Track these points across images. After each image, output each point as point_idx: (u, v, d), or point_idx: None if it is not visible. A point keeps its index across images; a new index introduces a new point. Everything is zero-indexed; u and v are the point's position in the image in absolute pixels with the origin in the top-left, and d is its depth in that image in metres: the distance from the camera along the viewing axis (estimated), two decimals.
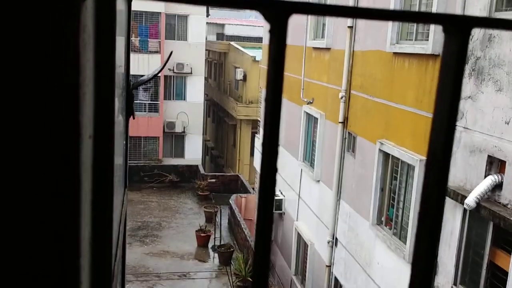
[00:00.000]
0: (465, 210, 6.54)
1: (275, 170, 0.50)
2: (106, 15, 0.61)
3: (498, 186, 6.08)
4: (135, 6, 26.54)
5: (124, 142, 1.56)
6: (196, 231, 17.98)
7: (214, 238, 17.67)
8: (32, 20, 0.44)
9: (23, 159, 0.45)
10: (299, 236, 13.39)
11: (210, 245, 17.80)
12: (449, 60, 0.51)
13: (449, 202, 6.97)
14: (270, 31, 0.48)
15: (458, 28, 0.49)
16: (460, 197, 6.51)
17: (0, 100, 0.44)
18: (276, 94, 0.50)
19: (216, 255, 16.94)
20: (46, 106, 0.44)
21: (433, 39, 7.40)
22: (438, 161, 0.50)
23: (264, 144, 0.51)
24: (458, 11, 6.85)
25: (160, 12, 25.37)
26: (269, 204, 0.49)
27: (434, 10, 7.40)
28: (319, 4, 0.48)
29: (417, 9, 8.16)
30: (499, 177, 6.07)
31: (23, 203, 0.46)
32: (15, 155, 0.46)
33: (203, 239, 17.76)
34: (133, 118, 1.57)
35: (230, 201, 19.46)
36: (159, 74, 25.37)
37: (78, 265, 0.51)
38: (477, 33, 6.46)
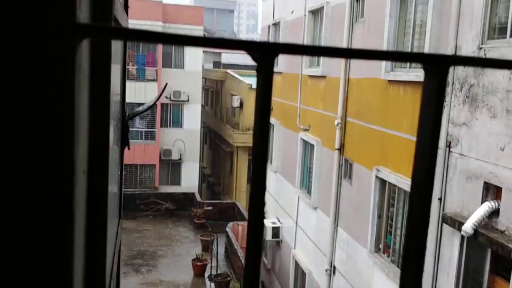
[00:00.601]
0: (462, 237, 6.51)
1: (263, 204, 0.51)
2: (101, 55, 0.63)
3: (495, 213, 6.08)
4: None
5: (119, 172, 1.58)
6: (192, 260, 17.77)
7: (211, 267, 17.45)
8: (27, 61, 0.46)
9: (16, 195, 0.47)
10: (296, 264, 13.25)
11: (206, 274, 17.56)
12: (429, 97, 0.53)
13: (446, 229, 6.94)
14: (257, 70, 0.50)
15: (436, 67, 0.51)
16: (457, 224, 6.49)
17: None
18: (263, 129, 0.52)
19: (213, 284, 16.69)
20: (40, 144, 0.46)
21: None
22: (419, 208, 0.52)
23: (252, 185, 0.53)
24: (451, 40, 6.97)
25: None
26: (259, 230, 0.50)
27: (427, 38, 7.53)
28: (302, 45, 0.50)
29: (410, 39, 8.30)
30: (496, 203, 6.07)
31: (16, 239, 0.47)
32: (8, 191, 0.47)
33: (199, 268, 17.54)
34: (128, 148, 1.59)
35: (227, 229, 19.30)
36: (156, 102, 25.50)
37: None
38: None
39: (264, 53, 0.48)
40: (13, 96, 0.45)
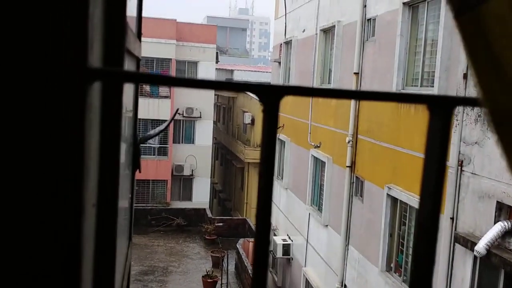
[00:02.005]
0: (475, 257, 6.41)
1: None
2: (113, 95, 0.65)
3: (508, 233, 5.99)
4: (146, 53, 27.09)
5: (130, 195, 1.60)
6: (202, 276, 17.69)
7: (221, 284, 17.34)
8: (39, 104, 0.47)
9: (25, 234, 0.48)
10: (307, 283, 13.12)
11: None
12: (433, 137, 0.53)
13: (459, 249, 6.85)
14: (263, 111, 0.52)
15: (441, 107, 0.52)
16: (470, 244, 6.40)
17: (2, 173, 0.47)
18: (269, 167, 0.53)
19: None
20: (50, 180, 0.47)
21: (439, 85, 7.49)
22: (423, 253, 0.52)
23: (258, 220, 0.54)
24: (462, 58, 6.96)
25: (171, 59, 25.97)
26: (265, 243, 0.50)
27: (438, 57, 7.52)
28: (307, 87, 0.52)
29: (421, 57, 8.30)
30: (509, 223, 5.98)
31: (23, 276, 0.48)
32: (16, 227, 0.48)
33: (209, 285, 17.43)
34: (140, 171, 1.61)
35: (237, 246, 19.20)
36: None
37: None
38: None
39: (270, 95, 0.50)
40: (24, 136, 0.47)
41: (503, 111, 0.45)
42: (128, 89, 1.36)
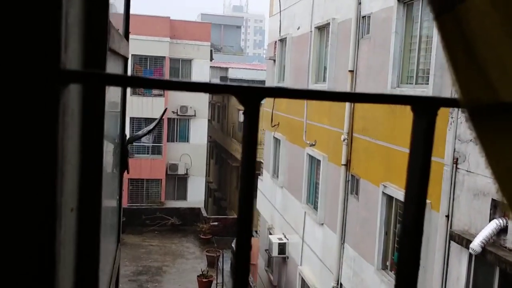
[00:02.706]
0: (470, 255, 6.43)
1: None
2: (93, 97, 0.63)
3: (503, 230, 6.01)
4: (139, 51, 26.95)
5: (118, 197, 1.58)
6: (197, 276, 17.67)
7: (216, 283, 17.34)
8: (11, 105, 0.46)
9: None
10: (303, 281, 13.13)
11: None
12: (418, 137, 0.52)
13: (454, 247, 6.87)
14: (244, 113, 0.51)
15: (425, 109, 0.51)
16: (465, 242, 6.42)
17: None
18: (249, 169, 0.52)
19: None
20: (21, 185, 0.46)
21: (433, 83, 7.49)
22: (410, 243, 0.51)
23: (239, 219, 0.53)
24: None
25: (165, 57, 25.90)
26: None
27: (433, 54, 7.53)
28: (287, 88, 0.50)
29: (416, 55, 8.31)
30: (504, 221, 6.00)
31: None
32: None
33: (205, 285, 17.42)
34: (128, 173, 1.59)
35: (233, 245, 19.19)
36: (162, 118, 25.63)
37: None
38: None
39: (250, 97, 0.49)
40: None
41: (482, 108, 0.44)
42: (115, 89, 1.34)
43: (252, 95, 0.48)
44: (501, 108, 0.46)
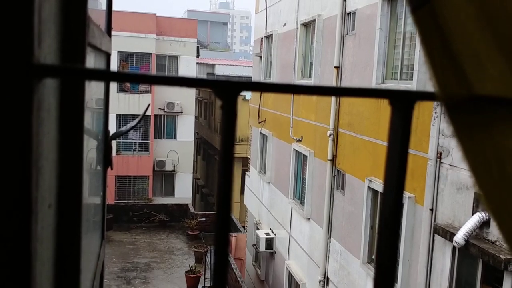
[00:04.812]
0: (454, 247, 6.52)
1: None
2: (70, 92, 0.63)
3: (486, 223, 6.09)
4: (125, 47, 26.75)
5: (102, 193, 1.57)
6: (185, 272, 17.65)
7: (204, 279, 17.34)
8: None
9: None
10: (290, 276, 13.19)
11: (200, 286, 17.44)
12: (395, 131, 0.53)
13: (438, 240, 6.95)
14: (221, 107, 0.51)
15: (402, 102, 0.52)
16: (449, 235, 6.50)
17: None
18: (227, 163, 0.52)
19: None
20: None
21: (417, 79, 7.56)
22: (388, 235, 0.51)
23: (217, 213, 0.53)
24: None
25: (151, 53, 25.74)
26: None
27: (417, 50, 7.59)
28: (263, 83, 0.51)
29: (400, 51, 8.36)
30: (487, 214, 6.08)
31: None
32: None
33: (192, 280, 17.41)
34: (111, 169, 1.58)
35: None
36: (150, 114, 25.49)
37: None
38: None
39: (227, 91, 0.48)
40: None
41: (458, 102, 0.45)
42: (98, 85, 1.33)
43: (228, 89, 0.48)
44: (476, 102, 0.46)
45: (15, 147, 0.44)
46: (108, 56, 1.48)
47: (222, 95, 0.48)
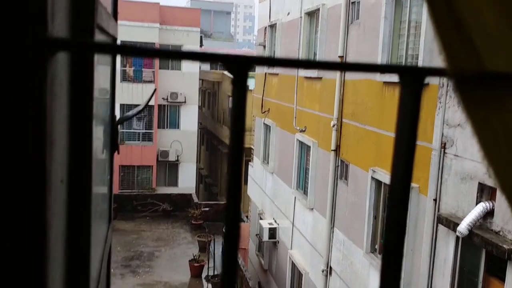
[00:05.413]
0: (457, 237, 6.53)
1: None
2: (81, 67, 0.63)
3: (489, 213, 6.10)
4: (129, 37, 26.67)
5: (109, 176, 1.58)
6: (189, 261, 17.77)
7: (208, 268, 17.45)
8: None
9: None
10: (293, 265, 13.26)
11: (203, 275, 17.56)
12: (405, 108, 0.53)
13: (441, 230, 6.96)
14: (232, 82, 0.51)
15: (412, 79, 0.52)
16: (452, 225, 6.51)
17: None
18: (237, 139, 0.52)
19: (210, 285, 16.69)
20: (9, 155, 0.46)
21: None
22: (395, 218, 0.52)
23: (228, 189, 0.53)
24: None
25: (154, 43, 25.67)
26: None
27: (422, 39, 7.55)
28: (274, 58, 0.51)
29: (405, 40, 8.32)
30: (490, 204, 6.09)
31: None
32: None
33: (196, 269, 17.53)
34: (118, 153, 1.59)
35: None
36: (153, 104, 25.50)
37: None
38: None
39: (239, 66, 0.49)
40: None
41: (467, 77, 0.45)
42: (104, 69, 1.33)
43: (240, 64, 0.48)
44: (485, 76, 0.47)
45: (31, 118, 0.45)
46: (114, 40, 1.48)
47: (233, 69, 0.49)
